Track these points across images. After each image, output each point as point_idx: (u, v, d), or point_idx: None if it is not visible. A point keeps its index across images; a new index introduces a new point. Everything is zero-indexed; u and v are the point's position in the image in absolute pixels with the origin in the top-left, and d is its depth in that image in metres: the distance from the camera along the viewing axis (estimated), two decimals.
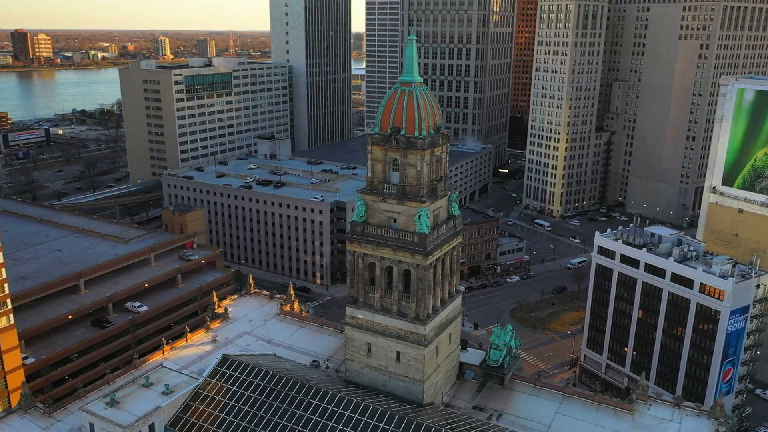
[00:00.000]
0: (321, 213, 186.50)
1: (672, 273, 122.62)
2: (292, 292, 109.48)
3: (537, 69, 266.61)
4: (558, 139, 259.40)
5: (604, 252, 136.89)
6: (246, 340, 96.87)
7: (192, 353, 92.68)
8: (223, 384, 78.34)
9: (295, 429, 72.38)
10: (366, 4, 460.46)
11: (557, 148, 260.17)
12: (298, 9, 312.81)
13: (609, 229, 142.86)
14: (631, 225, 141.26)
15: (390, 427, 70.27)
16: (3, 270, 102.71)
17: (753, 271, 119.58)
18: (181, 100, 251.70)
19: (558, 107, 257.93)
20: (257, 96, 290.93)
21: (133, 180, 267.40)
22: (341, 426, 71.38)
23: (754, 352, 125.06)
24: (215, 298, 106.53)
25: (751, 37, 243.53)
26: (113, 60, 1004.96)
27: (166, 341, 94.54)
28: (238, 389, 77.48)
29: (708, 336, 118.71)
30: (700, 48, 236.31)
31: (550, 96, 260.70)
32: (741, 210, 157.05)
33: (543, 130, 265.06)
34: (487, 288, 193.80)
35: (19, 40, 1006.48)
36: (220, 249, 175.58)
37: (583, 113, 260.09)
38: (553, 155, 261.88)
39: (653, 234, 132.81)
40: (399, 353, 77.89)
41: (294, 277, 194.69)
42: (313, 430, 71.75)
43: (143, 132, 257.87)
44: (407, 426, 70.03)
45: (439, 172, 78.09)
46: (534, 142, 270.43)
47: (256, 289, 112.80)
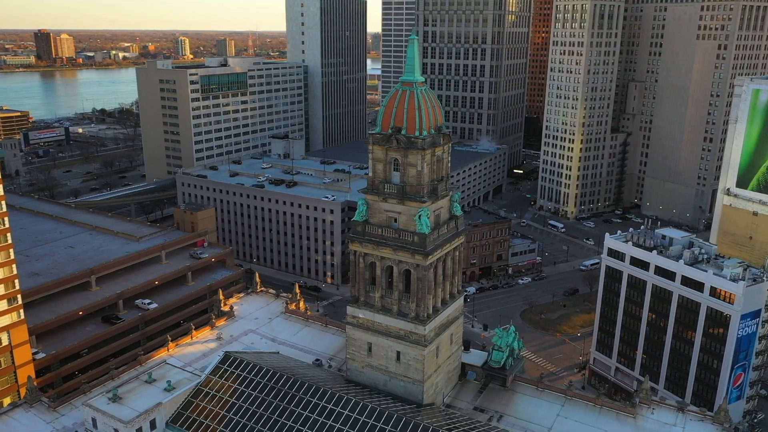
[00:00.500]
0: (332, 212, 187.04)
1: (682, 276, 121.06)
2: (297, 291, 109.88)
3: (552, 69, 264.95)
4: (573, 140, 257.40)
5: (614, 254, 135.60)
6: (251, 338, 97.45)
7: (196, 350, 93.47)
8: (225, 381, 78.94)
9: (294, 427, 72.74)
10: (382, 4, 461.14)
11: (572, 148, 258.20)
12: (313, 9, 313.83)
13: (619, 231, 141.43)
14: (642, 227, 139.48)
15: (388, 427, 70.24)
16: (14, 266, 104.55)
17: (765, 275, 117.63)
18: (197, 99, 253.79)
19: (573, 108, 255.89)
20: (272, 96, 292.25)
21: (149, 178, 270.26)
22: (339, 425, 71.53)
23: (766, 357, 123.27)
24: (221, 295, 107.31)
25: None
26: (134, 60, 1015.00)
27: (171, 338, 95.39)
28: (239, 386, 78.02)
29: (718, 340, 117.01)
30: (718, 48, 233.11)
31: (564, 96, 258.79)
32: (755, 213, 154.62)
33: (558, 130, 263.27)
34: (498, 289, 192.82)
35: (42, 40, 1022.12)
36: (230, 247, 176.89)
37: (599, 114, 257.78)
38: (568, 156, 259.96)
39: (664, 236, 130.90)
40: (399, 353, 77.82)
41: (305, 276, 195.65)
42: (313, 427, 72.03)
43: (159, 131, 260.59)
44: (405, 426, 69.91)
45: (441, 172, 77.88)
46: (548, 142, 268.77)
47: (262, 288, 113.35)
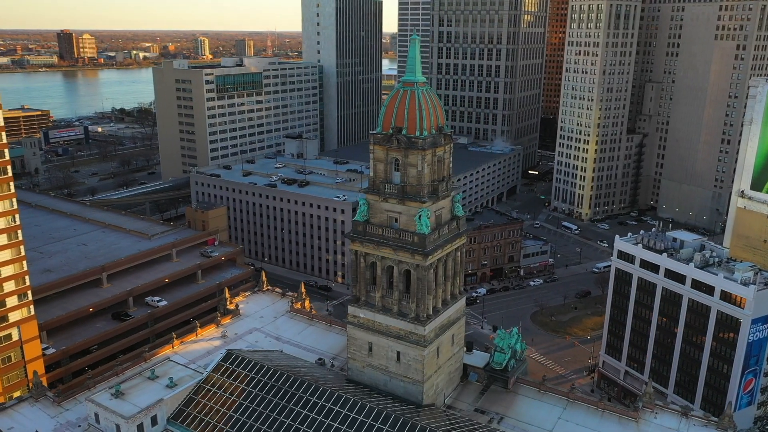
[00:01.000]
0: (343, 212, 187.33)
1: (692, 279, 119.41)
2: (303, 290, 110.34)
3: (567, 69, 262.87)
4: (588, 141, 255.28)
5: (624, 256, 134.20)
6: (255, 336, 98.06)
7: (201, 348, 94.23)
8: (226, 379, 79.60)
9: (294, 425, 73.12)
10: (399, 4, 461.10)
11: (587, 150, 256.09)
12: (329, 9, 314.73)
13: (630, 233, 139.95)
14: (654, 229, 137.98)
15: (386, 427, 70.36)
16: (24, 263, 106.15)
17: None
18: (212, 99, 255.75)
19: (588, 108, 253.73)
20: (287, 96, 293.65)
21: (165, 177, 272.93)
22: (338, 424, 71.78)
23: None
24: (227, 294, 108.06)
25: None
26: (154, 60, 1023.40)
27: (176, 336, 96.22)
28: (240, 384, 78.63)
29: (728, 345, 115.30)
30: (736, 49, 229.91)
31: (580, 97, 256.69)
32: None
33: (572, 131, 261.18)
34: (509, 291, 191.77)
35: (65, 40, 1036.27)
36: (240, 246, 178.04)
37: (614, 115, 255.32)
38: (583, 157, 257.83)
39: (675, 239, 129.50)
40: (399, 353, 77.82)
41: (315, 276, 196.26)
42: (312, 426, 72.36)
43: (175, 130, 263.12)
44: (402, 426, 70.05)
45: (442, 172, 77.79)
46: (563, 143, 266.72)
47: (268, 287, 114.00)
